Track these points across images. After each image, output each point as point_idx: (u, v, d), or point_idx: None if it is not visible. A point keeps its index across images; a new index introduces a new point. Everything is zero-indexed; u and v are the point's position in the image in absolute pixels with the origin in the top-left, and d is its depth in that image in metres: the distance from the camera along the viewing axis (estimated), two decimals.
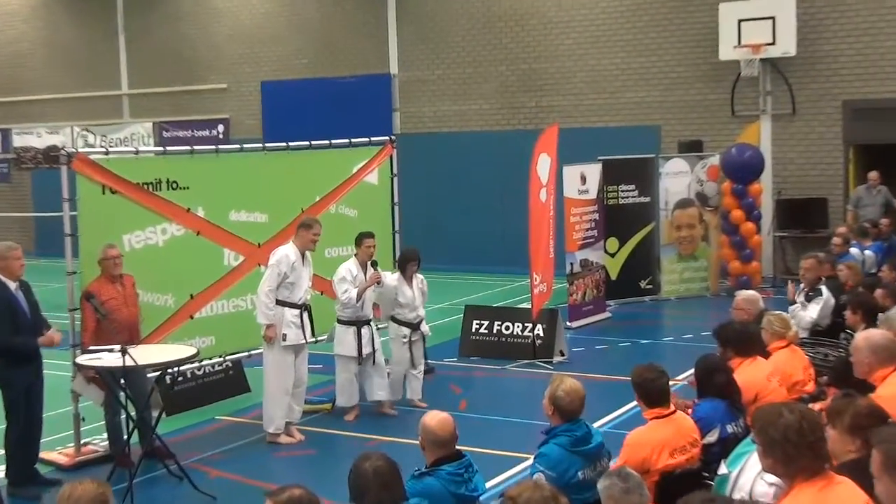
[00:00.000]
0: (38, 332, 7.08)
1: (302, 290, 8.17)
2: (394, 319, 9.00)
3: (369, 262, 8.73)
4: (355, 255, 8.80)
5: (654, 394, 5.01)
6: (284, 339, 8.08)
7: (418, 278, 9.06)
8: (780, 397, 5.82)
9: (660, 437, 4.91)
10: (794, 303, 8.74)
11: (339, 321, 8.79)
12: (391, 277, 8.93)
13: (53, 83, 22.20)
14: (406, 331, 8.99)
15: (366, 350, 8.72)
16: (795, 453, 3.38)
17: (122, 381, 7.19)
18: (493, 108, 18.04)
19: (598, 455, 4.79)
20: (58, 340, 7.10)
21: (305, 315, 8.21)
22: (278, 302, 8.07)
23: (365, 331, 8.75)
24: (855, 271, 9.04)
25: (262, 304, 8.07)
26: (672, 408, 5.07)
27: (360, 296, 8.60)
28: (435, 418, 4.42)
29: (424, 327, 9.15)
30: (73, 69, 21.98)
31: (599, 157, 13.82)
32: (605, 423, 8.32)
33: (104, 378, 7.32)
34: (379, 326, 9.20)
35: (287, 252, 8.11)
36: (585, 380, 4.91)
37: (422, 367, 9.15)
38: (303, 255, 8.18)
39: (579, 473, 4.66)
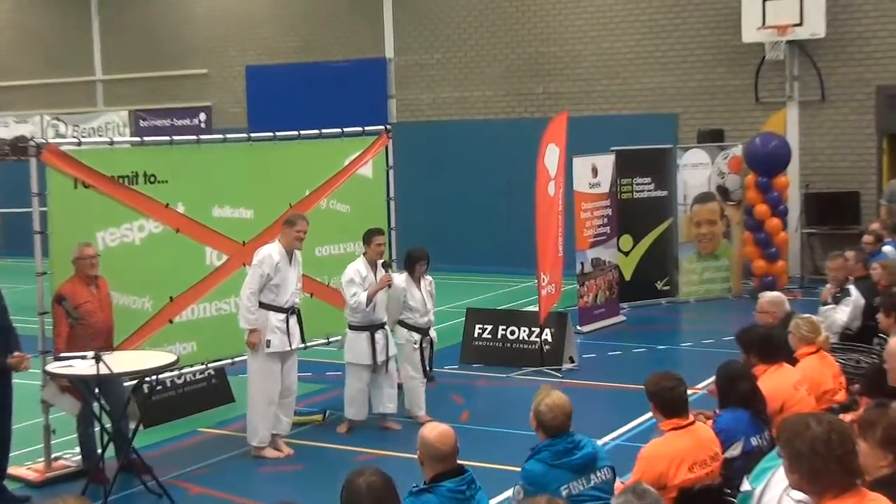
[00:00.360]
0: (7, 339, 7.07)
1: (288, 292, 8.15)
2: (402, 324, 8.93)
3: (380, 262, 8.67)
4: (364, 254, 8.73)
5: (671, 403, 5.01)
6: (268, 346, 8.07)
7: (426, 280, 9.01)
8: (809, 407, 5.83)
9: (677, 450, 4.91)
10: (826, 303, 8.74)
11: (350, 327, 8.75)
12: (399, 279, 8.88)
13: (22, 69, 22.20)
14: (417, 336, 8.88)
15: (380, 357, 8.67)
16: (823, 468, 3.38)
17: (97, 390, 7.19)
18: (498, 95, 18.04)
19: (589, 467, 4.77)
20: (27, 366, 7.07)
21: (293, 320, 8.22)
22: (262, 305, 8.07)
23: (379, 336, 8.69)
24: (889, 271, 9.03)
25: (243, 307, 8.06)
26: (690, 418, 5.07)
27: (370, 299, 8.51)
28: (434, 430, 4.41)
29: (432, 332, 9.10)
30: (42, 53, 21.98)
31: (612, 148, 13.81)
32: (618, 436, 8.32)
33: (78, 387, 7.32)
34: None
35: (270, 251, 8.10)
36: (597, 388, 4.93)
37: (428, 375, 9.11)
38: (290, 255, 8.18)
39: (563, 489, 4.66)
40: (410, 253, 8.99)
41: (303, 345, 8.59)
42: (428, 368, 9.06)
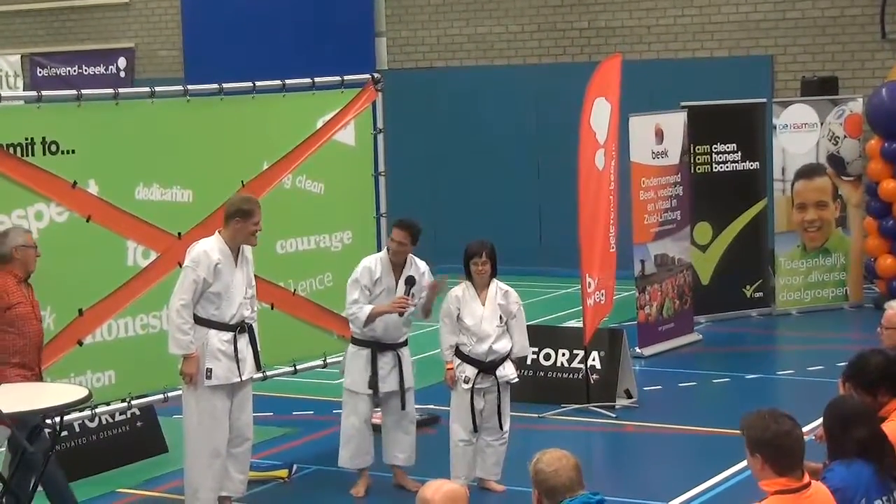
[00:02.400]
0: None
1: (234, 303, 8.15)
2: (457, 353, 8.63)
3: (404, 276, 8.58)
4: (388, 249, 8.71)
5: (787, 455, 4.94)
6: (209, 377, 8.09)
7: (499, 288, 8.68)
8: None
9: None
10: None
11: (353, 340, 8.79)
12: (457, 288, 8.68)
13: None
14: (470, 371, 8.60)
15: (386, 386, 8.66)
16: None
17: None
18: (526, 32, 18.03)
19: None
20: None
21: (243, 340, 8.24)
22: (200, 321, 8.09)
23: (386, 358, 8.68)
24: None
25: (173, 325, 8.05)
26: (806, 478, 5.03)
27: (372, 319, 8.48)
28: (440, 491, 4.43)
29: (508, 370, 8.63)
30: None
31: (683, 103, 13.80)
32: (692, 498, 8.34)
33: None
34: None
35: (207, 248, 8.08)
36: (663, 433, 4.93)
37: (502, 432, 8.69)
38: (236, 253, 8.21)
39: None
40: (467, 249, 8.74)
41: (259, 374, 8.59)
42: (500, 423, 8.64)
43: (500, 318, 8.59)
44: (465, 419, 8.59)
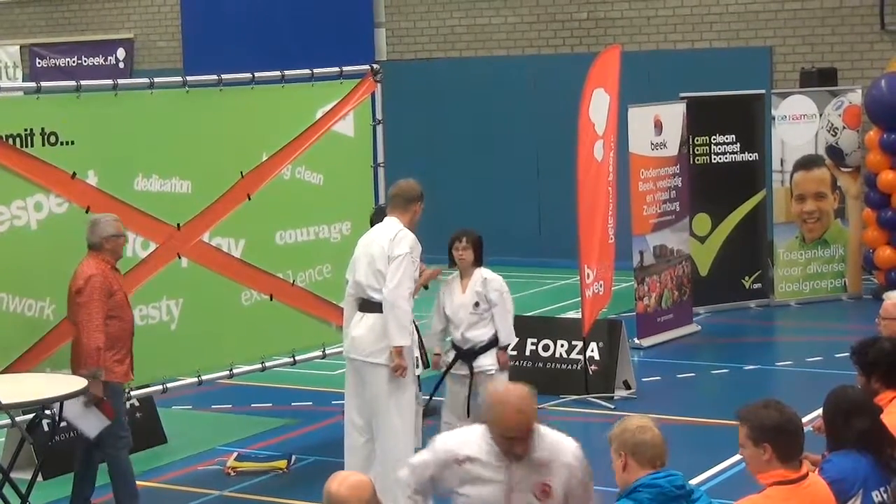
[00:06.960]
0: None
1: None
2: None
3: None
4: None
5: (794, 441, 4.96)
6: (417, 365, 8.12)
7: (480, 276, 8.73)
8: None
9: None
10: None
11: None
12: (449, 276, 8.90)
13: None
14: (450, 357, 8.80)
15: None
16: None
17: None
18: (525, 23, 18.01)
19: None
20: None
21: None
22: None
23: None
24: None
25: (404, 314, 7.75)
26: (803, 469, 5.04)
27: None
28: (345, 483, 4.36)
29: (485, 361, 8.61)
30: None
31: (682, 94, 13.80)
32: None
33: (111, 397, 7.62)
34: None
35: (413, 236, 7.93)
36: (662, 424, 4.93)
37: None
38: None
39: None
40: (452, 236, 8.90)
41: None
42: (468, 411, 8.56)
43: (476, 304, 8.66)
44: (451, 401, 8.81)
